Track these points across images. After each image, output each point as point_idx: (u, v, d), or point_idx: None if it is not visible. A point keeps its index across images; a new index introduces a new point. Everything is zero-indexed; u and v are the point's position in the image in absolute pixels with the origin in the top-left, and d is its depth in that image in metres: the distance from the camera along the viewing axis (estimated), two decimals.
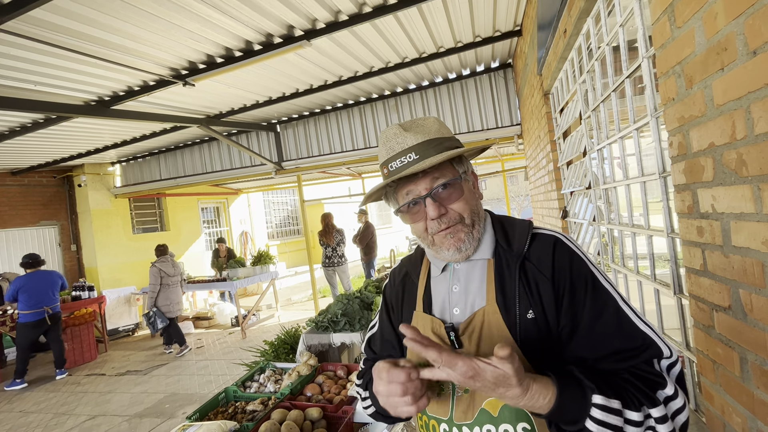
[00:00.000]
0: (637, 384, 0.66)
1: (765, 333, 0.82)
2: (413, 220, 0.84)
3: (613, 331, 0.71)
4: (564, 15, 2.20)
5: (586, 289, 0.74)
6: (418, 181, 0.80)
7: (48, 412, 4.34)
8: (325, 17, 3.15)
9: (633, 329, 0.71)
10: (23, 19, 2.54)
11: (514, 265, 0.79)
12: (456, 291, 0.84)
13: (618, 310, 0.73)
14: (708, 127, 0.93)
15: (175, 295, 6.03)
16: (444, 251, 0.82)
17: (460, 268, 0.86)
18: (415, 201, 0.81)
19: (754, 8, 0.74)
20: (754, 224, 0.82)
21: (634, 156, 1.64)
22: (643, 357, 0.69)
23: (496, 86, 5.51)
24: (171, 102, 4.73)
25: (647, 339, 0.70)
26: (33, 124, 4.79)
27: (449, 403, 0.79)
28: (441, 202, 0.80)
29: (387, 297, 1.02)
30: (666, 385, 0.66)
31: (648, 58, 1.40)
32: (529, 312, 0.75)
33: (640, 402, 0.64)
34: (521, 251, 0.80)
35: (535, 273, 0.77)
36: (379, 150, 0.87)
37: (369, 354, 1.03)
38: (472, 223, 0.82)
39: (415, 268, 0.95)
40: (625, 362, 0.70)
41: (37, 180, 7.71)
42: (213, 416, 2.06)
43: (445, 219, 0.80)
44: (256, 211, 11.79)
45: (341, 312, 3.04)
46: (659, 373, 0.68)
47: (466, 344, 0.79)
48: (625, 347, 0.70)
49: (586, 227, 2.62)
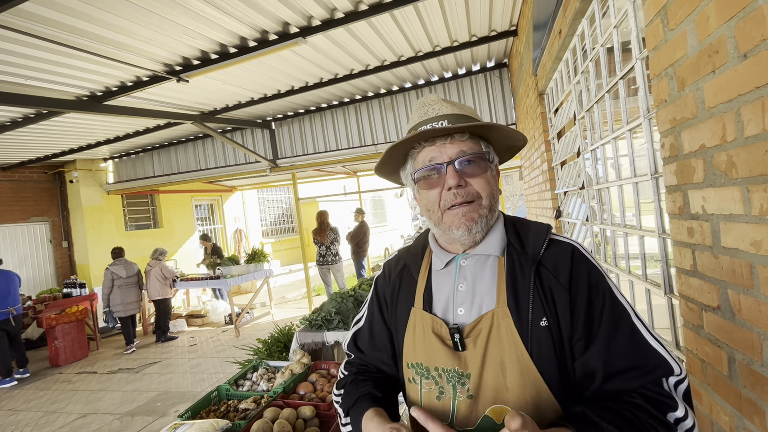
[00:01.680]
0: (650, 410, 0.65)
1: (752, 333, 0.83)
2: (429, 187, 0.79)
3: (626, 347, 0.70)
4: (559, 16, 2.21)
5: (603, 303, 0.73)
6: (444, 148, 0.77)
7: (38, 411, 4.30)
8: (321, 14, 3.14)
9: (646, 347, 0.70)
10: (14, 12, 2.50)
11: (528, 268, 0.76)
12: (462, 290, 0.80)
13: (632, 326, 0.72)
14: (699, 129, 0.94)
15: (128, 296, 6.27)
16: (453, 230, 0.77)
17: (466, 265, 0.81)
18: (436, 166, 0.77)
19: (745, 12, 0.74)
20: (742, 225, 0.83)
21: (627, 157, 1.65)
22: (654, 376, 0.68)
23: (491, 86, 5.53)
24: (165, 98, 4.68)
25: (659, 357, 0.70)
26: (24, 119, 4.72)
27: (449, 408, 0.76)
28: (462, 174, 0.77)
29: (379, 291, 0.95)
30: (677, 408, 0.65)
31: (641, 59, 1.41)
32: (543, 319, 0.72)
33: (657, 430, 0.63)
34: (537, 254, 0.77)
35: (551, 280, 0.75)
36: (413, 115, 0.85)
37: (355, 353, 0.97)
38: (489, 206, 0.78)
39: (415, 262, 0.89)
40: (637, 381, 0.68)
41: (27, 176, 7.61)
42: (205, 414, 2.05)
43: (462, 192, 0.76)
44: (250, 209, 11.74)
45: (335, 310, 3.04)
46: (669, 394, 0.67)
47: (471, 347, 0.75)
48: (637, 365, 0.69)
49: (579, 227, 2.63)
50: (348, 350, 0.99)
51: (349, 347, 0.99)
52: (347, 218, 12.06)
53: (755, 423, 0.85)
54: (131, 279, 6.35)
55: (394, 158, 0.86)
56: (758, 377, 0.83)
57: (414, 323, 0.83)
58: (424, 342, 0.80)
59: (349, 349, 0.99)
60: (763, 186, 0.75)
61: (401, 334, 0.85)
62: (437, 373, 0.77)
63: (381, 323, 0.92)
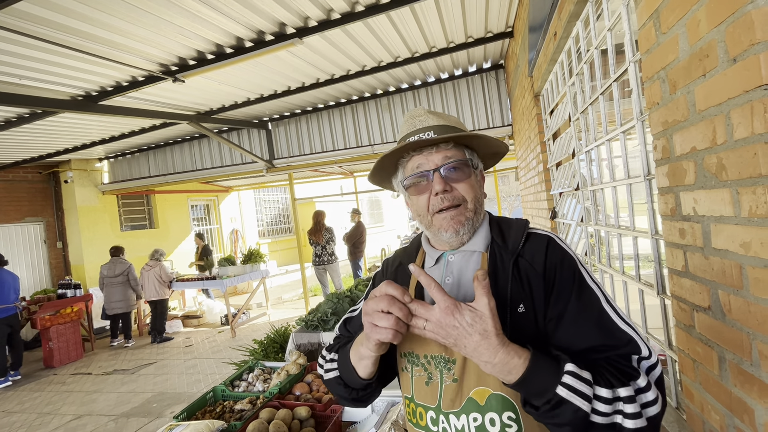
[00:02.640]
0: (610, 369, 0.67)
1: (742, 333, 0.84)
2: (418, 192, 0.85)
3: (594, 326, 0.74)
4: (554, 18, 2.23)
5: (572, 285, 0.77)
6: (430, 156, 0.83)
7: (32, 412, 4.27)
8: (318, 15, 3.14)
9: (613, 327, 0.74)
10: (8, 12, 2.49)
11: (508, 260, 0.81)
12: (449, 283, 0.85)
13: (601, 309, 0.75)
14: (690, 131, 0.95)
15: (113, 294, 6.48)
16: (442, 233, 0.83)
17: (453, 260, 0.87)
18: (423, 173, 0.83)
19: (735, 17, 0.76)
20: (732, 227, 0.84)
21: (621, 158, 1.67)
22: (621, 351, 0.71)
23: (487, 87, 5.55)
24: (160, 98, 4.67)
25: (626, 336, 0.73)
26: (18, 119, 4.69)
27: (437, 391, 0.80)
28: (448, 180, 0.82)
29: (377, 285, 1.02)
30: (639, 378, 0.67)
31: (634, 62, 1.43)
32: (520, 306, 0.77)
33: (610, 382, 0.65)
34: (516, 248, 0.82)
35: (528, 269, 0.80)
36: (401, 127, 0.92)
37: (343, 332, 1.02)
38: (474, 209, 0.84)
39: (409, 259, 0.96)
40: (602, 354, 0.72)
41: (22, 176, 7.56)
42: (201, 415, 2.04)
43: (448, 197, 0.82)
44: (246, 209, 11.71)
45: (331, 311, 3.04)
46: (634, 367, 0.69)
47: None
48: (604, 343, 0.73)
49: (574, 228, 2.65)
50: (338, 330, 1.04)
51: (339, 328, 1.03)
52: (344, 218, 12.05)
53: (745, 422, 0.86)
54: (115, 279, 6.47)
55: (386, 167, 0.92)
56: (748, 376, 0.84)
57: None
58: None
59: (338, 330, 1.03)
60: (752, 188, 0.76)
61: None
62: (426, 360, 0.82)
63: None
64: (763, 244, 0.75)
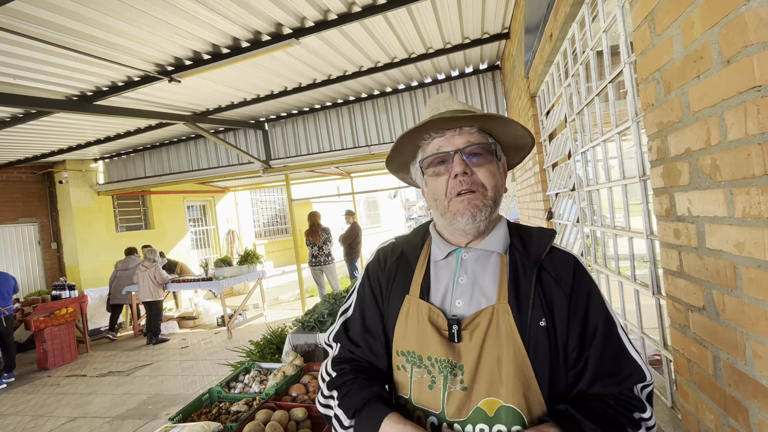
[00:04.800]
0: (622, 411, 0.72)
1: (736, 333, 0.85)
2: (436, 175, 0.82)
3: (613, 357, 0.77)
4: (550, 19, 2.24)
5: (598, 318, 0.78)
6: (452, 139, 0.81)
7: (26, 415, 4.23)
8: (314, 16, 3.14)
9: (627, 357, 0.77)
10: (2, 11, 2.47)
11: (531, 268, 0.79)
12: (463, 282, 0.81)
13: (618, 338, 0.78)
14: (685, 132, 0.96)
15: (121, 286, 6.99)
16: (458, 218, 0.79)
17: (468, 259, 0.83)
18: (444, 154, 0.81)
19: (728, 18, 0.76)
20: (726, 227, 0.85)
21: (616, 159, 1.68)
22: (629, 383, 0.75)
23: (484, 88, 5.56)
24: (156, 98, 4.65)
25: (635, 366, 0.77)
26: (12, 119, 4.65)
27: (440, 397, 0.76)
28: (469, 164, 0.80)
29: (372, 277, 0.92)
30: (645, 410, 0.74)
31: (630, 63, 1.43)
32: (542, 320, 0.75)
33: (626, 427, 0.71)
34: (539, 257, 0.80)
35: (552, 285, 0.78)
36: (425, 111, 0.90)
37: (346, 344, 0.90)
38: (493, 198, 0.81)
39: (413, 251, 0.90)
40: (615, 387, 0.75)
41: (16, 176, 7.50)
42: (197, 417, 2.03)
43: (467, 180, 0.79)
44: (243, 210, 11.67)
45: (328, 312, 3.04)
46: (639, 398, 0.75)
47: (466, 340, 0.77)
48: (618, 372, 0.76)
49: (570, 228, 2.66)
50: (336, 340, 0.92)
51: (337, 337, 0.92)
52: (341, 219, 12.06)
53: (739, 421, 0.87)
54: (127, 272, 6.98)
55: (404, 151, 0.89)
56: (742, 376, 0.84)
57: (408, 310, 0.83)
58: (417, 330, 0.81)
59: (337, 339, 0.92)
60: (745, 189, 0.77)
61: (392, 321, 0.85)
62: (430, 363, 0.78)
63: (374, 308, 0.89)
64: (756, 244, 0.76)
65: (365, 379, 0.83)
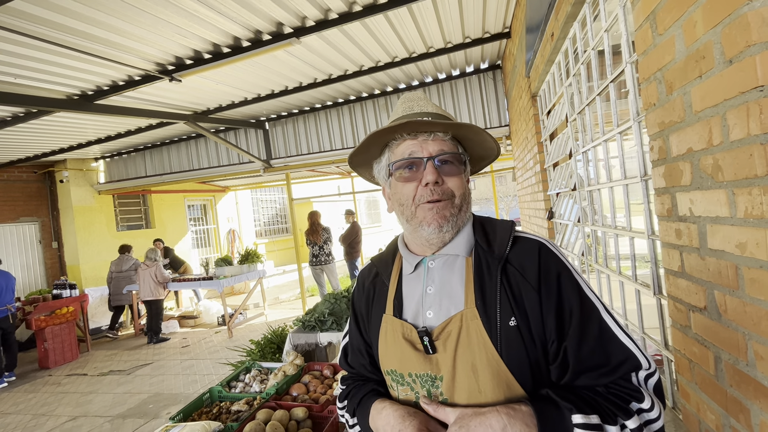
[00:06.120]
0: (612, 399, 0.67)
1: (738, 333, 0.85)
2: (404, 180, 0.79)
3: (595, 345, 0.70)
4: (551, 19, 2.23)
5: (572, 302, 0.72)
6: (425, 144, 0.78)
7: (27, 413, 4.24)
8: (315, 15, 3.14)
9: (614, 343, 0.71)
10: (3, 10, 2.47)
11: (495, 267, 0.76)
12: (431, 292, 0.79)
13: (601, 323, 0.72)
14: (686, 132, 0.96)
15: (120, 287, 7.00)
16: (424, 227, 0.77)
17: (434, 267, 0.81)
18: (415, 160, 0.78)
19: (731, 18, 0.76)
20: (728, 228, 0.84)
21: (618, 159, 1.67)
22: (622, 371, 0.69)
23: (485, 87, 5.56)
24: (157, 97, 4.65)
25: (627, 352, 0.70)
26: (12, 118, 4.66)
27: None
28: (440, 172, 0.77)
29: (356, 304, 0.95)
30: (643, 399, 0.67)
31: (631, 63, 1.43)
32: (512, 319, 0.72)
33: (616, 414, 0.65)
34: (503, 253, 0.77)
35: (519, 279, 0.74)
36: (396, 107, 0.85)
37: (346, 369, 0.97)
38: (460, 206, 0.79)
39: (386, 268, 0.89)
40: (605, 378, 0.69)
41: (17, 175, 7.51)
42: (197, 417, 2.04)
43: (438, 190, 0.76)
44: (243, 209, 11.68)
45: (328, 311, 3.04)
46: (636, 387, 0.69)
47: (441, 350, 0.75)
48: (606, 362, 0.70)
49: (571, 228, 2.66)
50: (340, 365, 1.00)
51: (341, 362, 0.98)
52: (342, 219, 12.06)
53: (741, 422, 0.87)
54: (122, 274, 6.98)
55: (371, 148, 0.85)
56: (743, 376, 0.84)
57: (386, 330, 0.83)
58: (395, 348, 0.80)
59: (341, 365, 0.99)
60: (747, 189, 0.77)
61: (376, 343, 0.85)
62: (411, 379, 0.78)
63: (358, 337, 0.92)
64: (758, 244, 0.75)
65: (363, 382, 0.90)
